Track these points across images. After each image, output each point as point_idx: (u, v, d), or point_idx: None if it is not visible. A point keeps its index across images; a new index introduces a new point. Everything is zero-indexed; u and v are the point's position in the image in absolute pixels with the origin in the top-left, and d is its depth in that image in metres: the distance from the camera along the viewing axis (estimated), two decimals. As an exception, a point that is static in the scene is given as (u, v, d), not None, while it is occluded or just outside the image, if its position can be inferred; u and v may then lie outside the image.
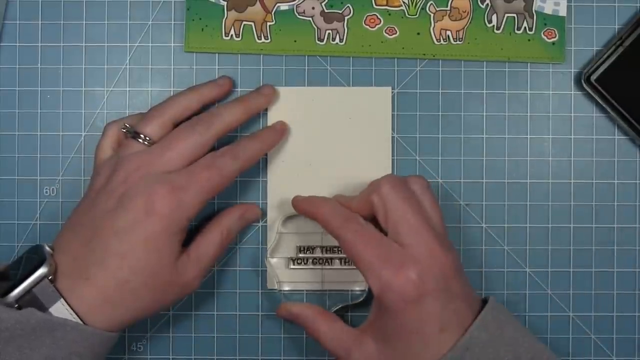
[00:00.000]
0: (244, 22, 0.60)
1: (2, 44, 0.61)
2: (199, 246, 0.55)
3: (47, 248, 0.52)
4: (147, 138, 0.54)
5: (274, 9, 0.60)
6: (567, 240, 0.61)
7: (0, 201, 0.61)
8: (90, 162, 0.60)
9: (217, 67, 0.60)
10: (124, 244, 0.51)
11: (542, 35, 0.60)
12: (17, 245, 0.61)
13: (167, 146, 0.54)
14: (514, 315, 0.53)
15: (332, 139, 0.59)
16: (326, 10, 0.60)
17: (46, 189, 0.61)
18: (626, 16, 0.61)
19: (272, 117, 0.59)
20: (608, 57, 0.59)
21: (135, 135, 0.54)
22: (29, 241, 0.60)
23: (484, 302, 0.53)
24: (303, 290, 0.60)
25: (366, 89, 0.60)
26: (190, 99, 0.56)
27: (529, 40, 0.60)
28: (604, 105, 0.59)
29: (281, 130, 0.59)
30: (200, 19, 0.60)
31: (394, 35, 0.60)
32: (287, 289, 0.60)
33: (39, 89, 0.61)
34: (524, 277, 0.61)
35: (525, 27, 0.60)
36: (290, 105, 0.60)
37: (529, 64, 0.61)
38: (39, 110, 0.61)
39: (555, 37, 0.60)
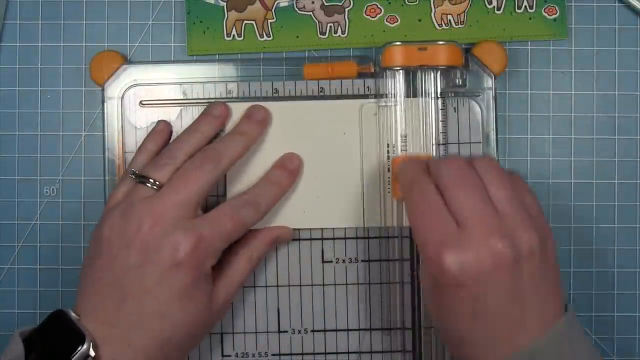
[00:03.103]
0: (245, 22, 0.60)
1: (2, 44, 0.61)
2: (227, 275, 0.54)
3: (74, 315, 0.50)
4: (157, 182, 0.52)
5: (274, 6, 0.60)
6: (567, 240, 0.61)
7: (0, 201, 0.61)
8: (90, 162, 0.61)
9: (217, 66, 0.60)
10: (159, 301, 0.50)
11: (543, 12, 0.60)
12: (17, 245, 0.61)
13: (177, 189, 0.52)
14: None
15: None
16: (326, 4, 0.60)
17: (46, 189, 0.61)
18: None
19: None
20: None
21: (143, 180, 0.53)
22: (29, 241, 0.61)
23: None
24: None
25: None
26: (196, 141, 0.55)
27: (530, 18, 0.60)
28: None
29: (295, 171, 0.58)
30: (201, 21, 0.60)
31: (395, 24, 0.60)
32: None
33: (39, 89, 0.61)
34: (524, 277, 0.61)
35: (525, 6, 0.60)
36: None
37: (529, 65, 0.61)
38: (39, 110, 0.61)
39: (556, 14, 0.60)
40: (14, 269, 0.61)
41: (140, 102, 0.59)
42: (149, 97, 0.59)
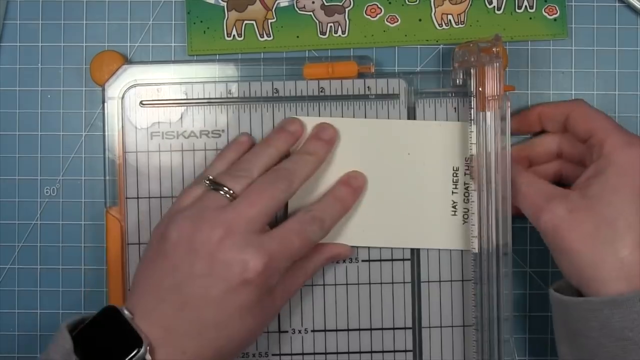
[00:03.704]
0: (245, 22, 0.60)
1: (2, 44, 0.61)
2: (285, 287, 0.54)
3: (127, 313, 0.49)
4: (231, 191, 0.52)
5: (274, 6, 0.60)
6: (567, 240, 0.61)
7: (0, 201, 0.61)
8: (91, 162, 0.61)
9: (217, 66, 0.60)
10: (221, 314, 0.49)
11: (544, 12, 0.60)
12: (18, 245, 0.61)
13: (251, 203, 0.51)
14: None
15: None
16: (326, 4, 0.60)
17: (47, 189, 0.61)
18: None
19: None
20: None
21: (218, 187, 0.52)
22: (29, 241, 0.61)
23: None
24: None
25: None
26: (271, 155, 0.55)
27: (530, 18, 0.60)
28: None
29: (359, 189, 0.58)
30: (201, 21, 0.60)
31: (395, 24, 0.60)
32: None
33: (39, 89, 0.61)
34: (524, 277, 0.61)
35: (525, 6, 0.60)
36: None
37: (529, 65, 0.61)
38: (39, 110, 0.61)
39: (556, 14, 0.60)
40: (14, 269, 0.61)
41: (141, 102, 0.59)
42: (149, 97, 0.59)
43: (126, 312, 0.49)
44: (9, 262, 0.61)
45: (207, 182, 0.53)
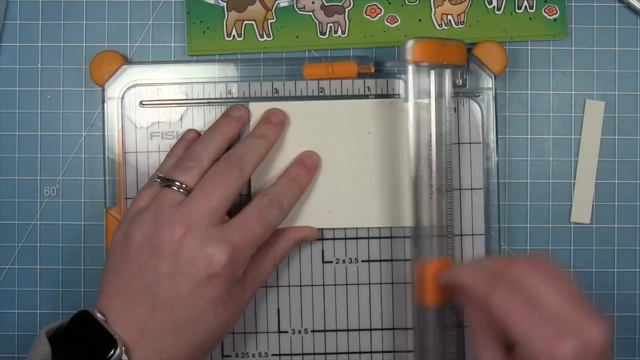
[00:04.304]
0: (245, 22, 0.60)
1: (2, 44, 0.61)
2: (254, 275, 0.54)
3: (100, 316, 0.49)
4: (184, 185, 0.52)
5: (274, 6, 0.60)
6: (567, 241, 0.61)
7: (0, 201, 0.61)
8: (90, 162, 0.61)
9: (217, 66, 0.60)
10: (192, 310, 0.50)
11: (543, 13, 0.60)
12: (17, 246, 0.61)
13: (206, 196, 0.51)
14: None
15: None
16: (326, 4, 0.60)
17: (46, 189, 0.61)
18: None
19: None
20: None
21: (170, 184, 0.52)
22: (29, 241, 0.61)
23: None
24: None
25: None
26: (218, 142, 0.55)
27: (530, 18, 0.60)
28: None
29: (313, 167, 0.58)
30: (201, 21, 0.60)
31: (395, 24, 0.60)
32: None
33: (39, 89, 0.61)
34: (524, 277, 0.61)
35: (525, 6, 0.60)
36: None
37: (529, 65, 0.61)
38: (39, 110, 0.61)
39: (556, 14, 0.60)
40: (14, 269, 0.61)
41: (141, 102, 0.59)
42: (149, 97, 0.59)
43: (98, 315, 0.49)
44: (9, 262, 0.61)
45: (158, 180, 0.53)
